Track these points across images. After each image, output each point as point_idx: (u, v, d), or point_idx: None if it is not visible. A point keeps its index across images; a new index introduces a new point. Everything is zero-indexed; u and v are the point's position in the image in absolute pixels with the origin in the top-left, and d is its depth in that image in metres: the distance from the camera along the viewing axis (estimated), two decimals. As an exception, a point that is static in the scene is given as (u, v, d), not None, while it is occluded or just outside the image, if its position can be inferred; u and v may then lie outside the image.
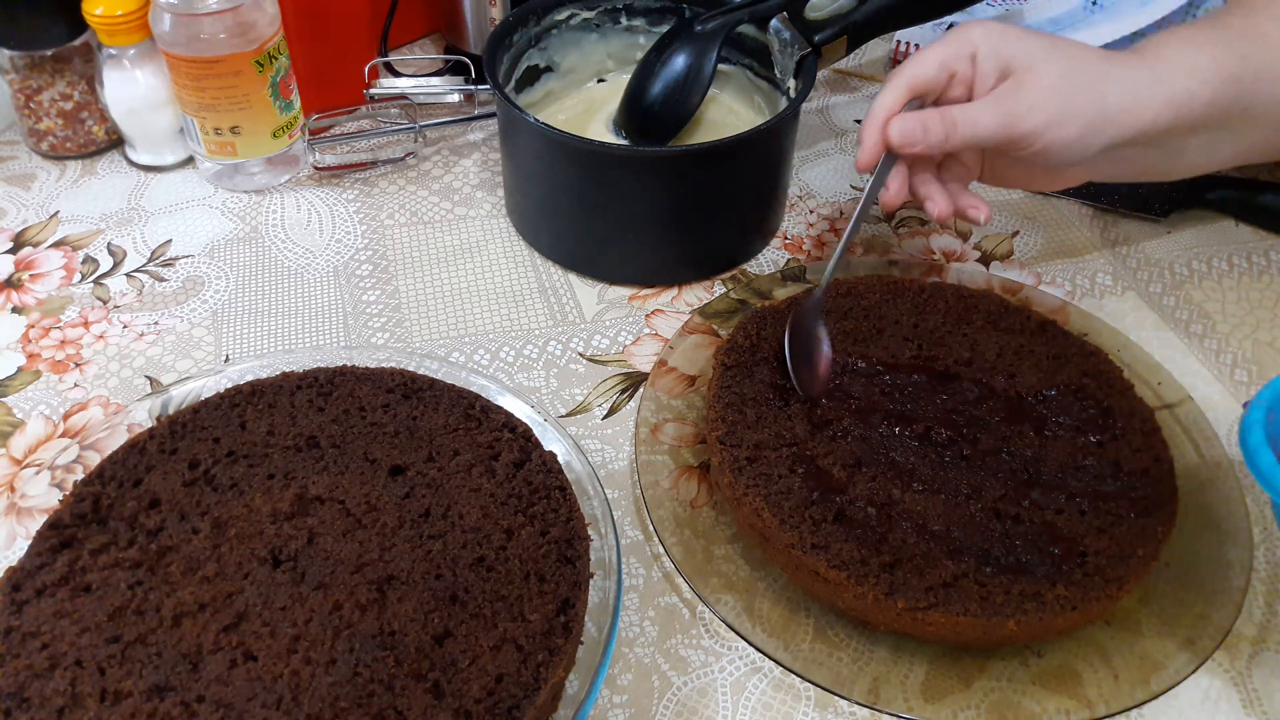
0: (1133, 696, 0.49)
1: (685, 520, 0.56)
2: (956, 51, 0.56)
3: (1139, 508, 0.53)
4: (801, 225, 0.77)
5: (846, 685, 0.50)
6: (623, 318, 0.70)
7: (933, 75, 0.57)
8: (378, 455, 0.54)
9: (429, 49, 0.94)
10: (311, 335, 0.68)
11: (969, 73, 0.56)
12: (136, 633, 0.46)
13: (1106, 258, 0.75)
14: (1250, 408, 0.50)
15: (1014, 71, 0.55)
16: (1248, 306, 0.71)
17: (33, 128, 0.79)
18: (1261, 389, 0.50)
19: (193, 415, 0.56)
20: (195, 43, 0.71)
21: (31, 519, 0.56)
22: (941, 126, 0.55)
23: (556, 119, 0.79)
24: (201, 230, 0.76)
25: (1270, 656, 0.53)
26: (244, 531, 0.50)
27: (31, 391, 0.64)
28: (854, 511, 0.52)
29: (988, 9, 0.91)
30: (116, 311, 0.69)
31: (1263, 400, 0.50)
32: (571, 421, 0.63)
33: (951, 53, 0.56)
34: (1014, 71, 0.55)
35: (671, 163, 0.68)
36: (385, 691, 0.44)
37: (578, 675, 0.48)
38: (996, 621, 0.48)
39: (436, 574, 0.49)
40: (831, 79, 0.92)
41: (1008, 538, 0.52)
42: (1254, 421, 0.49)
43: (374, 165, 0.82)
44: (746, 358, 0.60)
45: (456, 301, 0.71)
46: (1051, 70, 0.54)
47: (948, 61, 0.57)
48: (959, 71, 0.57)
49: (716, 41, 0.73)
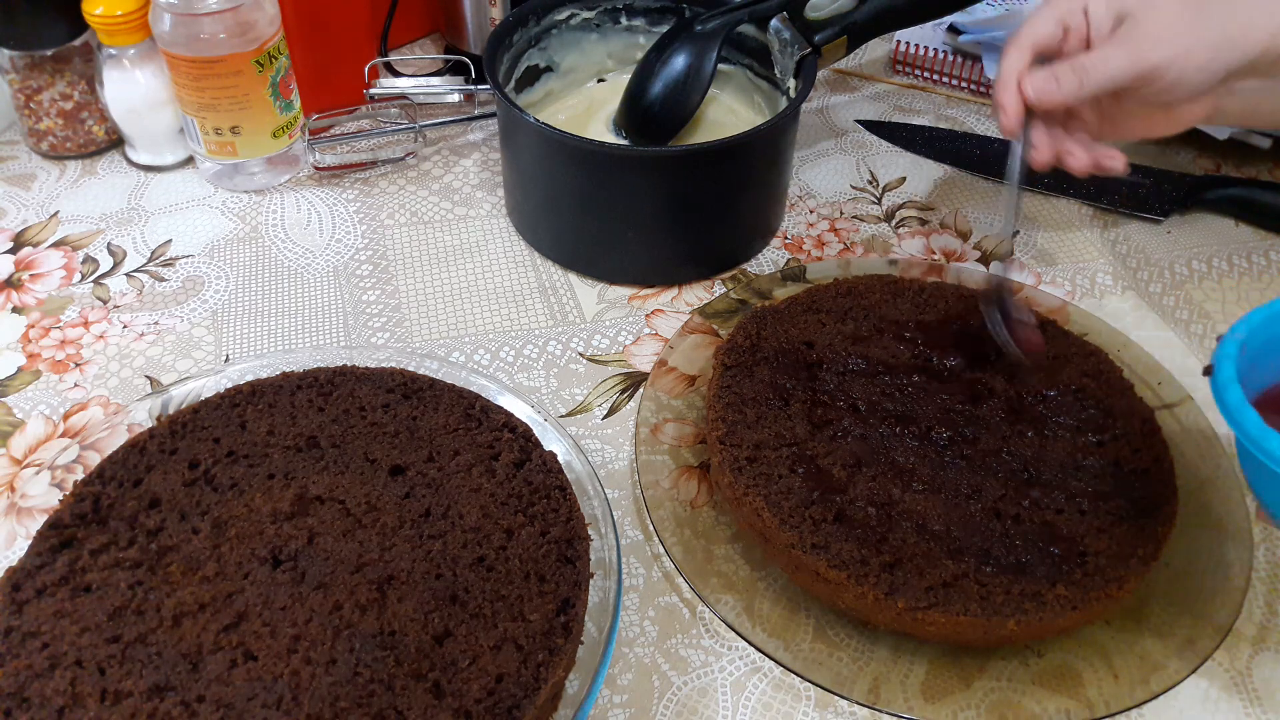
0: (1133, 696, 0.49)
1: (685, 520, 0.56)
2: (1069, 6, 0.58)
3: (1139, 508, 0.53)
4: (801, 225, 0.77)
5: (846, 685, 0.50)
6: (623, 318, 0.70)
7: (1051, 30, 0.58)
8: (378, 455, 0.54)
9: (429, 49, 0.94)
10: (311, 335, 0.68)
11: (1083, 25, 0.58)
12: (136, 633, 0.46)
13: (1106, 258, 0.75)
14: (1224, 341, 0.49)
15: (1130, 13, 0.56)
16: (1248, 306, 0.71)
17: (33, 128, 0.79)
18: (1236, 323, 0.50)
19: (193, 415, 0.56)
20: (195, 43, 0.71)
21: (31, 519, 0.56)
22: (1074, 75, 0.57)
23: (556, 119, 0.79)
24: (201, 230, 0.76)
25: (1270, 656, 0.53)
26: (244, 531, 0.50)
27: (31, 391, 0.64)
28: (854, 511, 0.52)
29: (988, 9, 0.91)
30: (116, 311, 0.69)
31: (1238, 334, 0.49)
32: (571, 421, 0.63)
33: (1065, 7, 0.58)
34: (1130, 13, 0.56)
35: (671, 163, 0.68)
36: (385, 691, 0.44)
37: (578, 675, 0.48)
38: (996, 621, 0.48)
39: (436, 574, 0.49)
40: (831, 79, 0.92)
41: (1008, 537, 0.52)
42: (1226, 356, 0.48)
43: (374, 165, 0.82)
44: (746, 358, 0.60)
45: (456, 301, 0.71)
46: (1168, 5, 0.55)
47: (1063, 16, 0.58)
48: (1073, 24, 0.58)
49: (716, 41, 0.73)
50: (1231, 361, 0.47)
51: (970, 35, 0.88)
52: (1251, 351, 0.49)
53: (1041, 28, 0.58)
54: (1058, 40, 0.59)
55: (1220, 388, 0.47)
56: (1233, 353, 0.48)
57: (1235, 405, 0.46)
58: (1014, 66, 0.59)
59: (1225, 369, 0.47)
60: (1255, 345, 0.49)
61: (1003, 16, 0.87)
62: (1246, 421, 0.45)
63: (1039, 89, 0.58)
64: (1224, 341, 0.49)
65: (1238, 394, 0.46)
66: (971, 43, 0.88)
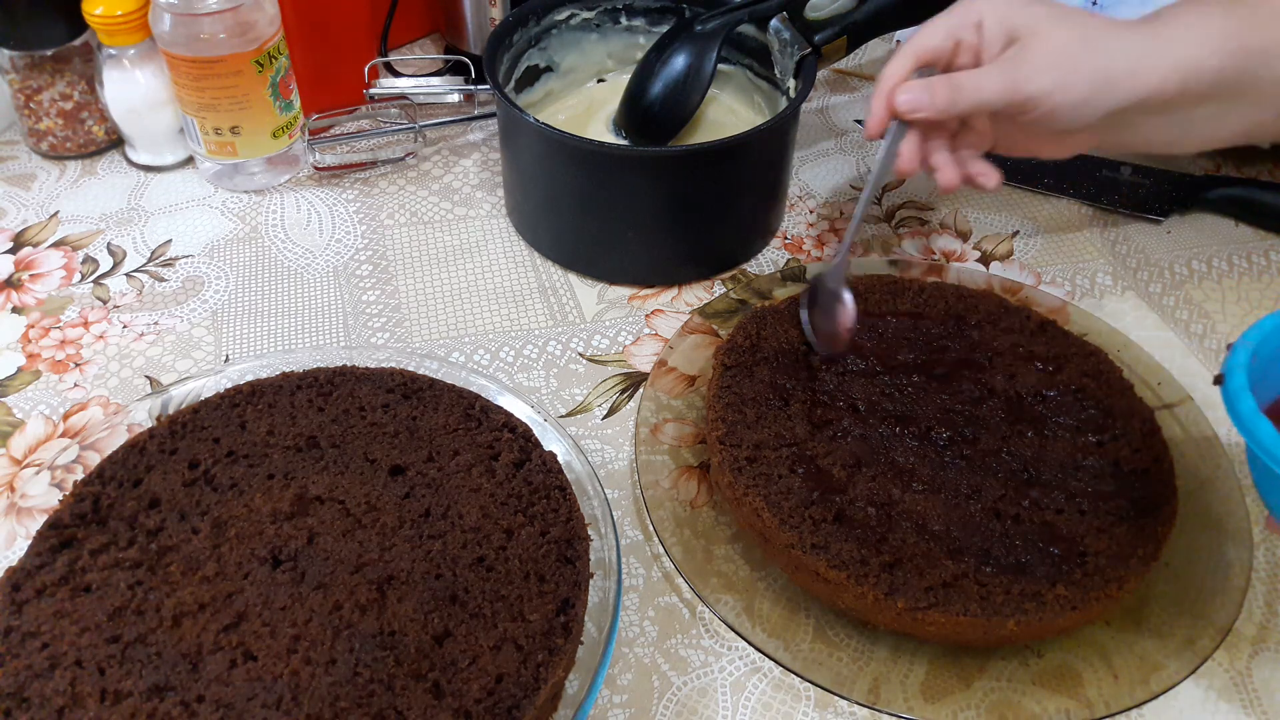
0: (1133, 696, 0.49)
1: (685, 520, 0.56)
2: (962, 20, 0.57)
3: (1139, 508, 0.53)
4: (801, 225, 0.77)
5: (846, 685, 0.50)
6: (623, 318, 0.70)
7: (939, 44, 0.58)
8: (378, 455, 0.54)
9: (429, 49, 0.94)
10: (311, 335, 0.68)
11: (975, 41, 0.57)
12: (136, 633, 0.46)
13: (1106, 258, 0.75)
14: (1234, 350, 0.48)
15: (1020, 37, 0.55)
16: (1248, 306, 0.71)
17: (33, 128, 0.79)
18: (1246, 331, 0.49)
19: (193, 415, 0.56)
20: (195, 43, 0.71)
21: (31, 519, 0.56)
22: (947, 91, 0.56)
23: (556, 119, 0.79)
24: (201, 230, 0.76)
25: (1270, 656, 0.53)
26: (244, 531, 0.50)
27: (31, 391, 0.64)
28: (854, 511, 0.52)
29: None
30: (116, 311, 0.69)
31: (1248, 341, 0.48)
32: (571, 421, 0.63)
33: (957, 21, 0.57)
34: (1020, 37, 0.55)
35: (671, 163, 0.68)
36: (385, 691, 0.44)
37: (578, 675, 0.48)
38: (996, 621, 0.48)
39: (436, 574, 0.49)
40: (831, 79, 0.92)
41: (1008, 538, 0.52)
42: (1237, 364, 0.47)
43: (374, 165, 0.82)
44: (746, 358, 0.60)
45: (456, 301, 0.71)
46: (1058, 34, 0.55)
47: (954, 30, 0.57)
48: (965, 40, 0.57)
49: (716, 41, 0.73)
50: (1243, 370, 0.46)
51: (970, 35, 0.87)
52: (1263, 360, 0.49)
53: (931, 39, 0.58)
54: (946, 53, 0.58)
55: (1232, 396, 0.46)
56: (1244, 361, 0.47)
57: (1248, 414, 0.45)
58: (893, 73, 0.58)
59: (1237, 378, 0.46)
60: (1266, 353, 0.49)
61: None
62: (1260, 431, 0.45)
63: (909, 100, 0.57)
64: (1235, 350, 0.48)
65: (1250, 403, 0.45)
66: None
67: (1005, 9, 0.56)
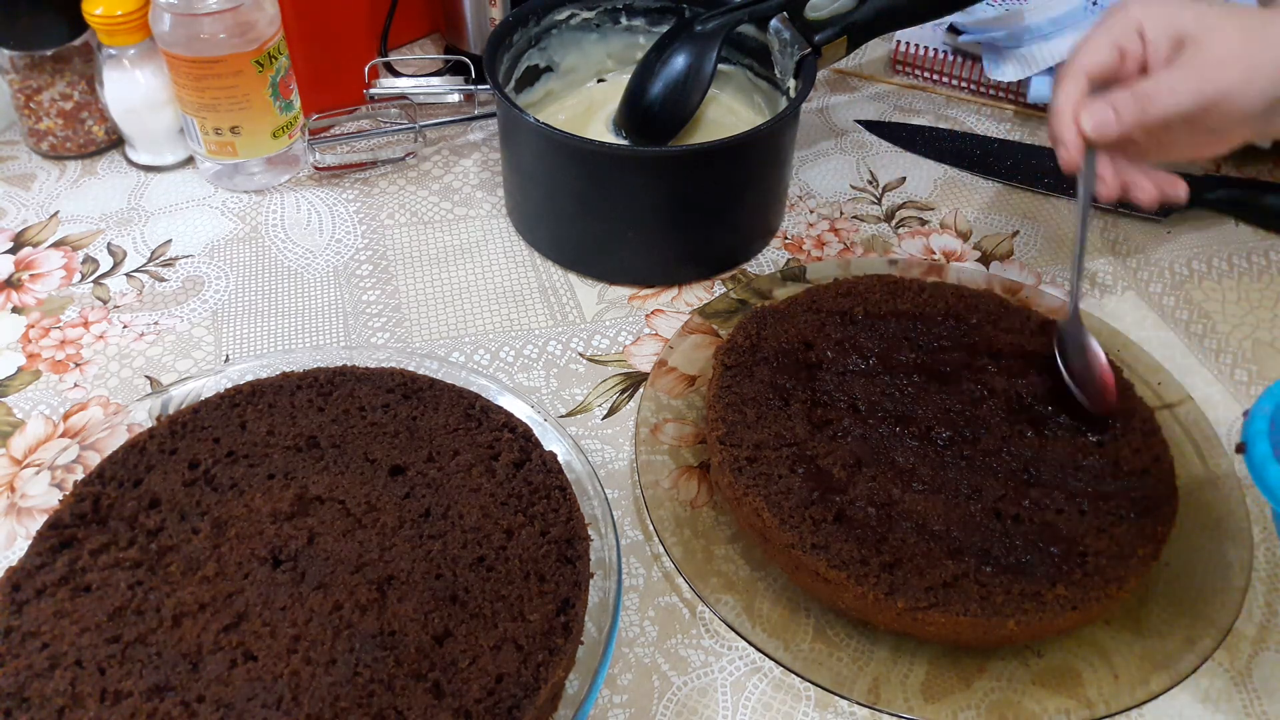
0: (1133, 696, 0.49)
1: (685, 520, 0.56)
2: (1123, 30, 0.56)
3: (1139, 508, 0.53)
4: (801, 225, 0.77)
5: (846, 685, 0.50)
6: (623, 318, 0.70)
7: (1105, 58, 0.56)
8: (378, 455, 0.54)
9: (429, 49, 0.94)
10: (311, 335, 0.68)
11: (1139, 49, 0.55)
12: (136, 633, 0.46)
13: (1106, 258, 0.75)
14: (1252, 416, 0.48)
15: (1190, 37, 0.54)
16: (1248, 306, 0.71)
17: (33, 128, 0.79)
18: (1261, 396, 0.49)
19: (193, 415, 0.56)
20: (195, 43, 0.71)
21: (31, 519, 0.56)
22: (1135, 105, 0.54)
23: (556, 119, 0.79)
24: (201, 230, 0.76)
25: (1270, 656, 0.53)
26: (244, 531, 0.50)
27: (31, 391, 0.64)
28: (854, 511, 0.52)
29: (988, 9, 0.91)
30: (116, 311, 0.69)
31: (1265, 408, 0.48)
32: (571, 421, 0.63)
33: (1119, 31, 0.56)
34: (1190, 37, 0.54)
35: (671, 163, 0.68)
36: (385, 691, 0.44)
37: (578, 675, 0.48)
38: (996, 621, 0.48)
39: (436, 574, 0.49)
40: (831, 79, 0.92)
41: (1008, 538, 0.52)
42: (1258, 432, 0.47)
43: (374, 165, 0.82)
44: (746, 358, 0.60)
45: (456, 301, 0.71)
46: (1229, 29, 0.54)
47: (1117, 40, 0.56)
48: (1129, 49, 0.56)
49: (716, 41, 0.73)
50: (1264, 438, 0.46)
51: (970, 35, 0.87)
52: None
53: (1096, 54, 0.56)
54: (1114, 66, 0.56)
55: (1258, 466, 0.46)
56: (1264, 428, 0.47)
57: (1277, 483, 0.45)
58: (1070, 97, 0.56)
59: (1260, 446, 0.46)
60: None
61: (1003, 16, 0.87)
62: None
63: (1098, 124, 0.55)
64: (1253, 416, 0.47)
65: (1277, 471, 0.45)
66: (971, 43, 0.88)
67: (1164, 11, 0.55)
